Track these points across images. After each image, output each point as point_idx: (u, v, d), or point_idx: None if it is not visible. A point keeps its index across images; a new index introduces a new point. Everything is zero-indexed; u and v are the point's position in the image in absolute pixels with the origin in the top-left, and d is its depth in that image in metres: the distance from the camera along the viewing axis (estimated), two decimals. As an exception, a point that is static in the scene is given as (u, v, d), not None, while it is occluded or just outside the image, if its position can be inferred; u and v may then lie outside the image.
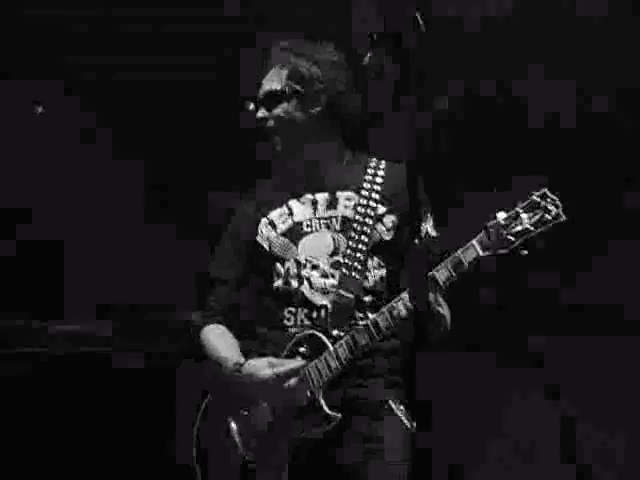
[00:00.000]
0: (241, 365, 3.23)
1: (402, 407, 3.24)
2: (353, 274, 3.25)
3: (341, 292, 3.24)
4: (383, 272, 3.30)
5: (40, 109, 5.47)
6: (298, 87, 3.38)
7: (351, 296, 3.23)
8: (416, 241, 2.57)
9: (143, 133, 5.37)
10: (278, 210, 3.40)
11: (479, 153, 5.29)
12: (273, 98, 3.40)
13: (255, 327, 3.40)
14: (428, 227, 3.29)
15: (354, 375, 3.19)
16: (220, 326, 3.42)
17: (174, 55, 5.07)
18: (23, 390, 5.21)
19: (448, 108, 5.21)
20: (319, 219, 3.35)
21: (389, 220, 3.32)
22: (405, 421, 3.20)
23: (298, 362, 3.17)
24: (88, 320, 5.43)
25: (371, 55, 2.88)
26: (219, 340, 3.38)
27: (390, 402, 3.24)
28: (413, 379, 2.67)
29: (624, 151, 5.25)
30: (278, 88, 3.40)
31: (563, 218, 2.93)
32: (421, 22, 2.64)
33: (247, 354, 3.31)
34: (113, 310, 5.48)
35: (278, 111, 3.39)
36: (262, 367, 3.19)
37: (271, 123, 3.40)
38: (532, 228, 2.94)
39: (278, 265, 3.33)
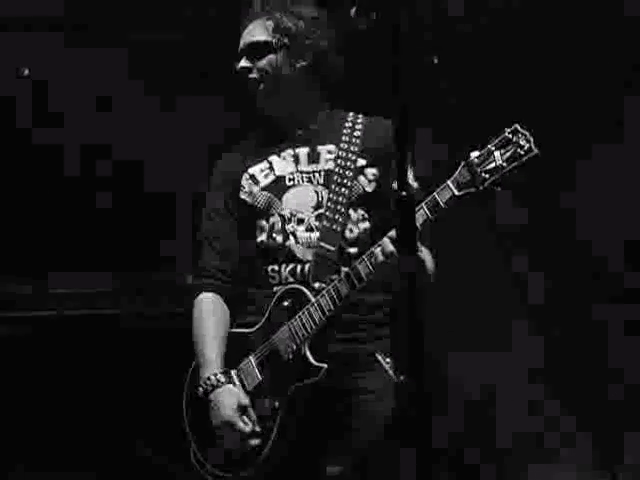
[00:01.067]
0: (214, 387, 3.20)
1: (388, 359, 3.24)
2: (335, 226, 3.24)
3: (323, 245, 3.23)
4: (367, 224, 3.29)
5: (26, 71, 5.43)
6: (285, 40, 3.35)
7: (333, 249, 3.22)
8: (402, 193, 2.54)
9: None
10: (259, 165, 3.37)
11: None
12: (258, 49, 3.37)
13: (242, 286, 3.39)
14: (410, 179, 3.27)
15: (339, 329, 3.18)
16: (215, 298, 3.36)
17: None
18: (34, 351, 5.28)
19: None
20: (301, 173, 3.33)
21: (370, 172, 3.31)
22: (391, 373, 3.22)
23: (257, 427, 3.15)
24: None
25: (357, 8, 2.90)
26: (208, 328, 3.32)
27: (376, 354, 3.24)
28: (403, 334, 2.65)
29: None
30: (263, 39, 3.37)
31: (535, 152, 2.92)
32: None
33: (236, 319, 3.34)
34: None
35: (263, 63, 3.35)
36: (229, 407, 3.17)
37: (255, 74, 3.36)
38: (505, 164, 2.94)
39: (262, 221, 3.31)
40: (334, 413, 3.20)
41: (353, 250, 3.24)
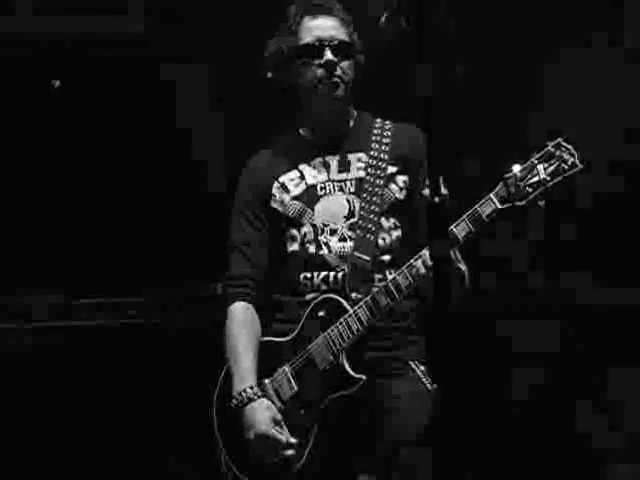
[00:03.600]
0: (249, 400, 3.21)
1: (422, 367, 3.26)
2: (369, 236, 3.24)
3: (357, 254, 3.23)
4: (399, 232, 3.30)
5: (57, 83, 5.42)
6: (358, 48, 3.35)
7: (367, 258, 3.22)
8: (435, 199, 2.56)
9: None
10: (289, 174, 3.36)
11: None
12: (341, 49, 3.31)
13: (271, 293, 3.39)
14: (441, 185, 3.29)
15: (373, 336, 3.19)
16: (247, 308, 3.35)
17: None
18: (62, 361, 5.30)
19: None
20: (332, 182, 3.32)
21: (400, 180, 3.32)
22: (425, 381, 3.24)
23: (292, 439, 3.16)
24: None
25: (387, 16, 2.88)
26: (240, 339, 3.31)
27: (409, 362, 3.26)
28: (437, 339, 2.67)
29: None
30: (347, 40, 3.33)
31: (580, 166, 2.95)
32: None
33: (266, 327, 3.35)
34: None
35: (346, 65, 3.30)
36: (265, 421, 3.17)
37: (340, 74, 3.30)
38: (548, 178, 2.97)
39: (294, 230, 3.31)
40: (366, 421, 3.21)
41: (386, 258, 3.26)
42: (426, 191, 2.84)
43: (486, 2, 5.17)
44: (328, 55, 3.26)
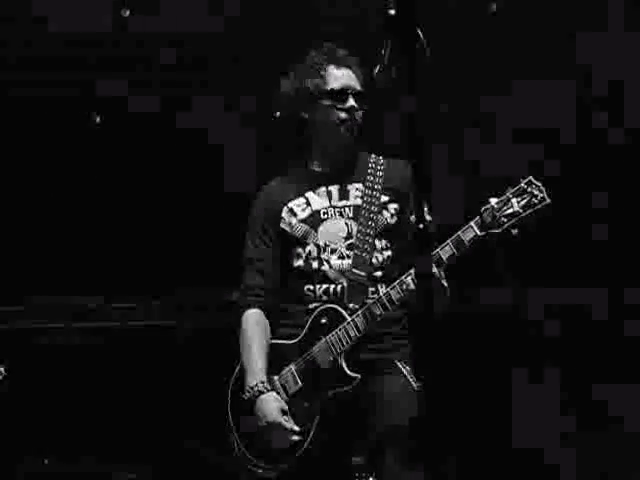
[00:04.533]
0: (260, 393, 3.70)
1: (408, 367, 3.76)
2: (364, 255, 3.75)
3: (355, 271, 3.74)
4: (389, 252, 3.80)
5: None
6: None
7: (364, 274, 3.73)
8: (420, 225, 3.07)
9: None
10: (297, 200, 3.86)
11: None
12: (360, 98, 3.85)
13: (278, 302, 3.88)
14: (425, 212, 3.80)
15: (367, 341, 3.70)
16: (259, 314, 3.84)
17: None
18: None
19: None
20: (334, 208, 3.83)
21: (392, 207, 3.83)
22: (410, 379, 3.74)
23: (297, 427, 3.66)
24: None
25: (380, 67, 3.40)
26: (254, 340, 3.80)
27: (397, 362, 3.76)
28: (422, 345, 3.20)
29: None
30: (364, 92, 3.87)
31: (547, 201, 3.49)
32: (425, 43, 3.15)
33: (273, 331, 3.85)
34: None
35: (360, 111, 3.86)
36: (274, 411, 3.67)
37: (358, 118, 3.85)
38: (521, 210, 3.51)
39: (299, 248, 3.80)
40: (359, 413, 3.71)
41: (379, 274, 3.77)
42: (413, 217, 3.33)
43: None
44: (351, 102, 3.82)
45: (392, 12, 3.19)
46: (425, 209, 3.80)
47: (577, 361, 6.04)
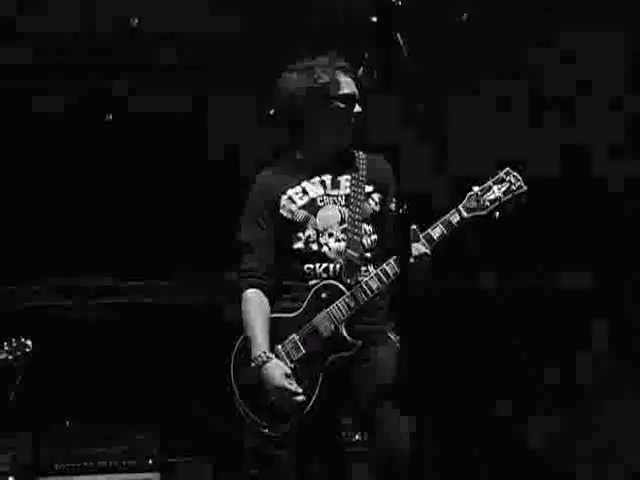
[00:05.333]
0: (264, 362, 4.12)
1: (397, 337, 4.26)
2: (356, 237, 4.23)
3: (349, 252, 4.22)
4: (375, 236, 4.30)
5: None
6: None
7: (357, 254, 4.22)
8: (399, 211, 3.71)
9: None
10: (294, 189, 4.32)
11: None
12: (360, 105, 4.33)
13: (281, 280, 4.31)
14: (392, 205, 4.30)
15: (362, 314, 4.18)
16: (258, 293, 4.26)
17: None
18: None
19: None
20: (328, 196, 4.30)
21: (376, 196, 4.34)
22: (397, 344, 4.24)
23: (300, 389, 4.10)
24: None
25: (363, 69, 3.91)
26: (256, 317, 4.21)
27: (387, 332, 4.26)
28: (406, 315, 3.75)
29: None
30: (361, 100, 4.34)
31: (524, 188, 4.09)
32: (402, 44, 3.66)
33: (273, 304, 4.27)
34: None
35: (360, 118, 4.34)
36: (279, 376, 4.09)
37: (359, 121, 4.33)
38: (502, 195, 4.09)
39: (299, 232, 4.25)
40: (353, 376, 4.16)
41: (368, 255, 4.26)
42: (392, 206, 4.08)
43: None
44: (358, 107, 4.33)
45: (374, 19, 3.75)
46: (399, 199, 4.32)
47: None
